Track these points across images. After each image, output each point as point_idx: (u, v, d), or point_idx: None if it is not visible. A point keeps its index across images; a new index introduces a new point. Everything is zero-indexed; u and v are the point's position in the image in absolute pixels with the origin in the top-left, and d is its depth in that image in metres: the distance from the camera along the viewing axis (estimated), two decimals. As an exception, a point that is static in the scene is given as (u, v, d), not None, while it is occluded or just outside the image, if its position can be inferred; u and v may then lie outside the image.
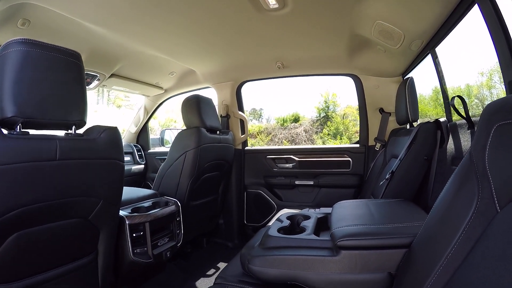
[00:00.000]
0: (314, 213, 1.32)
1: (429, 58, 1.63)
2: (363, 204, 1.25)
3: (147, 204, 1.71)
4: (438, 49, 1.53)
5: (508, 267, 0.49)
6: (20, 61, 0.92)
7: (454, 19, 1.26)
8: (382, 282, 0.87)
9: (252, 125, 11.82)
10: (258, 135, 10.74)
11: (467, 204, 0.64)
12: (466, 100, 1.20)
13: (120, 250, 1.43)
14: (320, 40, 1.86)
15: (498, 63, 0.94)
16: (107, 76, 2.27)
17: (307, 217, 1.26)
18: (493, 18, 0.95)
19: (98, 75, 2.19)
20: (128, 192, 1.83)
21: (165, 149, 3.28)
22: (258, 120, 14.16)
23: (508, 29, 0.90)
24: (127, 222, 1.45)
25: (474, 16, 1.10)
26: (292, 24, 1.64)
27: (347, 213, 1.14)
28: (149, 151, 3.28)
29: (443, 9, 1.23)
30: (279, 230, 1.12)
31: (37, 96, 0.95)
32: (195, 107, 2.03)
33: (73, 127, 1.07)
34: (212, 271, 2.07)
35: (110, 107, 14.60)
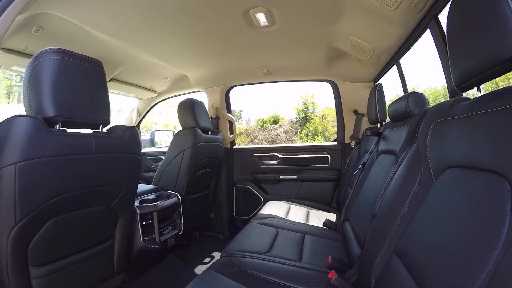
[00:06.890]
0: None
1: (395, 67, 1.92)
2: None
3: (152, 196, 1.87)
4: (402, 61, 1.83)
5: (442, 221, 0.72)
6: (56, 68, 1.04)
7: (413, 38, 1.55)
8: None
9: (232, 127, 11.80)
10: (238, 136, 10.78)
11: (414, 179, 0.90)
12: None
13: (132, 237, 1.60)
14: (302, 51, 2.12)
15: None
16: (107, 81, 2.37)
17: None
18: (440, 39, 1.24)
19: (99, 80, 2.31)
20: (133, 186, 2.01)
21: (156, 149, 3.41)
22: (238, 121, 14.25)
23: None
24: (138, 212, 1.62)
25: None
26: (278, 38, 1.88)
27: None
28: (141, 151, 3.37)
29: (404, 30, 1.50)
30: None
31: (72, 99, 1.09)
32: (190, 109, 2.21)
33: (100, 126, 1.24)
34: (207, 259, 2.26)
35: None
